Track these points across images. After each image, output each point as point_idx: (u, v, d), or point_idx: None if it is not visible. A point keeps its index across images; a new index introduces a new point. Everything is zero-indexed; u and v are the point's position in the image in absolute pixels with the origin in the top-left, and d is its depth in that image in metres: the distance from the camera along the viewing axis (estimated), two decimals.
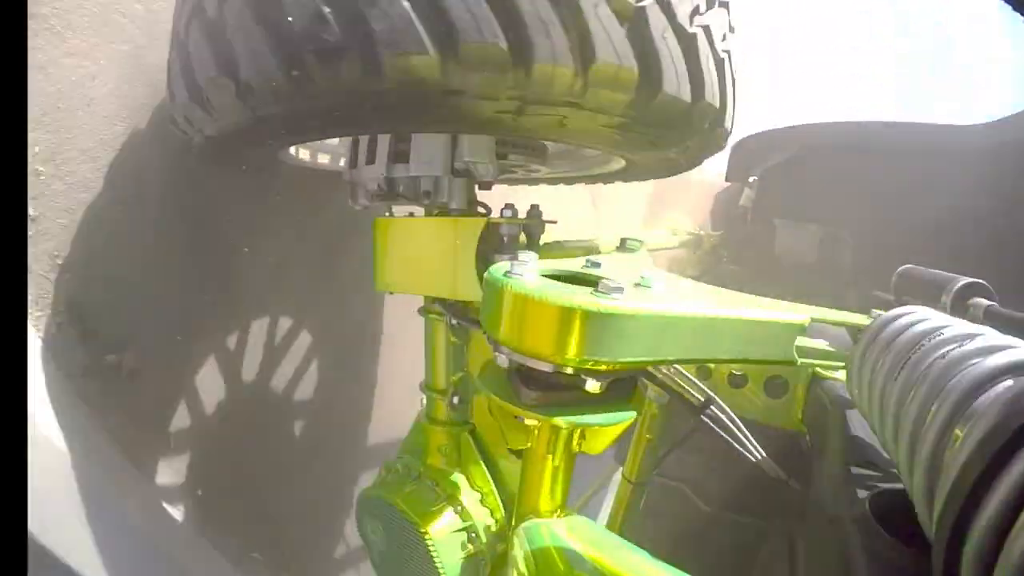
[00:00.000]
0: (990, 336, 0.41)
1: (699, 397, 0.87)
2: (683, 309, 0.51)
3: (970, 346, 0.40)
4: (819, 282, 1.70)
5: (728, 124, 0.85)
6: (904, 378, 0.43)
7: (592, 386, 0.52)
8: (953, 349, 0.41)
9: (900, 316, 0.53)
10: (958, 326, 0.45)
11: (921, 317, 0.51)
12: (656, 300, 0.51)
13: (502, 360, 0.55)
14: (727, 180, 2.07)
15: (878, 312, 0.62)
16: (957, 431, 0.34)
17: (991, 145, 1.24)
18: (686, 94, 0.71)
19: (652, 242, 2.27)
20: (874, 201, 1.44)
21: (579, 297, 0.48)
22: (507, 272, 0.54)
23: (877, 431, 0.48)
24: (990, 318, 0.80)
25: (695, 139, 0.83)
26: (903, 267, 1.03)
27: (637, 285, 0.55)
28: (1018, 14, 0.87)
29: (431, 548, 0.89)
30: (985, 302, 0.83)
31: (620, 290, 0.49)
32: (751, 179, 1.86)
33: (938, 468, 0.35)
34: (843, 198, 1.50)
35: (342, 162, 1.25)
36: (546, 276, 0.54)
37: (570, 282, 0.54)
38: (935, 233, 1.28)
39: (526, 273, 0.53)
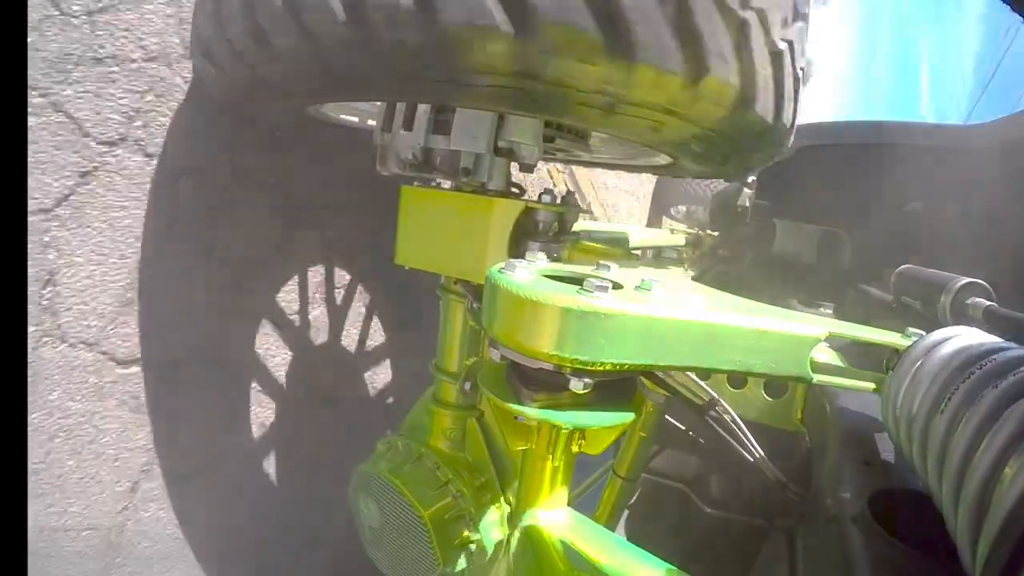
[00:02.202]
0: None
1: (701, 397, 0.87)
2: (677, 313, 0.50)
3: None
4: (818, 282, 1.70)
5: (789, 143, 0.82)
6: (952, 409, 0.40)
7: (576, 386, 0.52)
8: (1008, 378, 0.38)
9: (947, 339, 0.50)
10: (1012, 351, 0.42)
11: (971, 341, 0.47)
12: (649, 303, 0.50)
13: (494, 355, 0.55)
14: (726, 180, 2.06)
15: (916, 332, 0.58)
16: (1008, 468, 0.32)
17: (991, 145, 1.24)
18: (769, 115, 0.68)
19: (650, 241, 2.27)
20: (874, 201, 1.44)
21: (559, 294, 0.47)
22: (502, 269, 0.54)
23: (918, 465, 0.45)
24: (989, 318, 0.80)
25: (761, 156, 0.82)
26: (902, 267, 1.03)
27: (638, 288, 0.55)
28: (1017, 15, 0.87)
29: (427, 531, 0.88)
30: (985, 302, 0.83)
31: (604, 289, 0.48)
32: (750, 179, 1.86)
33: (986, 507, 0.32)
34: (843, 198, 1.50)
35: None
36: (544, 275, 0.54)
37: (567, 281, 0.54)
38: (934, 233, 1.28)
39: (521, 270, 0.53)
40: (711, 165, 0.91)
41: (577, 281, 0.54)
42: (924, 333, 0.56)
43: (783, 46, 0.66)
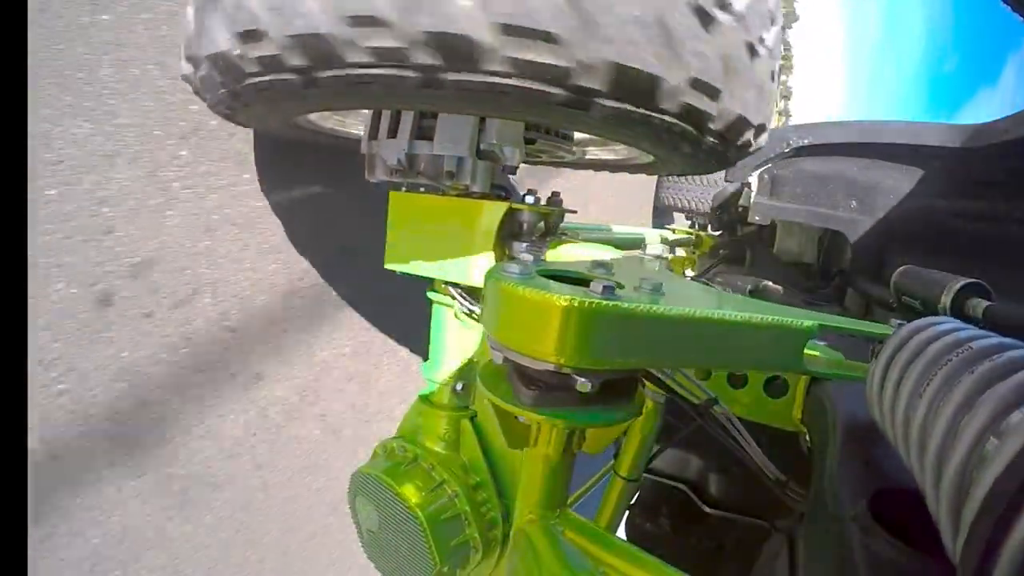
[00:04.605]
0: None
1: (699, 397, 0.87)
2: (678, 311, 0.50)
3: (1003, 359, 0.38)
4: (819, 283, 1.70)
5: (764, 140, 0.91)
6: (931, 393, 0.41)
7: (582, 385, 0.52)
8: (984, 363, 0.38)
9: (925, 327, 0.51)
10: (990, 339, 0.43)
11: (949, 328, 0.48)
12: (654, 301, 0.50)
13: (496, 357, 0.55)
14: (727, 180, 2.07)
15: (898, 322, 0.59)
16: (987, 448, 0.32)
17: (991, 145, 1.24)
18: (765, 130, 0.83)
19: (652, 241, 2.27)
20: (876, 201, 1.44)
21: (563, 294, 0.47)
22: (502, 269, 0.54)
23: (901, 450, 0.46)
24: (989, 318, 0.80)
25: (744, 156, 0.90)
26: (903, 267, 1.03)
27: (637, 287, 0.55)
28: (1017, 15, 0.87)
29: (423, 532, 0.89)
30: (985, 302, 0.83)
31: (611, 289, 0.48)
32: (751, 179, 1.86)
33: (965, 490, 0.33)
34: (844, 198, 1.50)
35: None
36: (545, 275, 0.54)
37: (568, 281, 0.54)
38: (935, 233, 1.28)
39: (523, 271, 0.53)
40: (696, 164, 0.95)
41: (577, 280, 0.54)
42: (905, 323, 0.57)
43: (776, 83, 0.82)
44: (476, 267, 0.90)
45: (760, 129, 0.82)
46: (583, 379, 0.51)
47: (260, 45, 0.62)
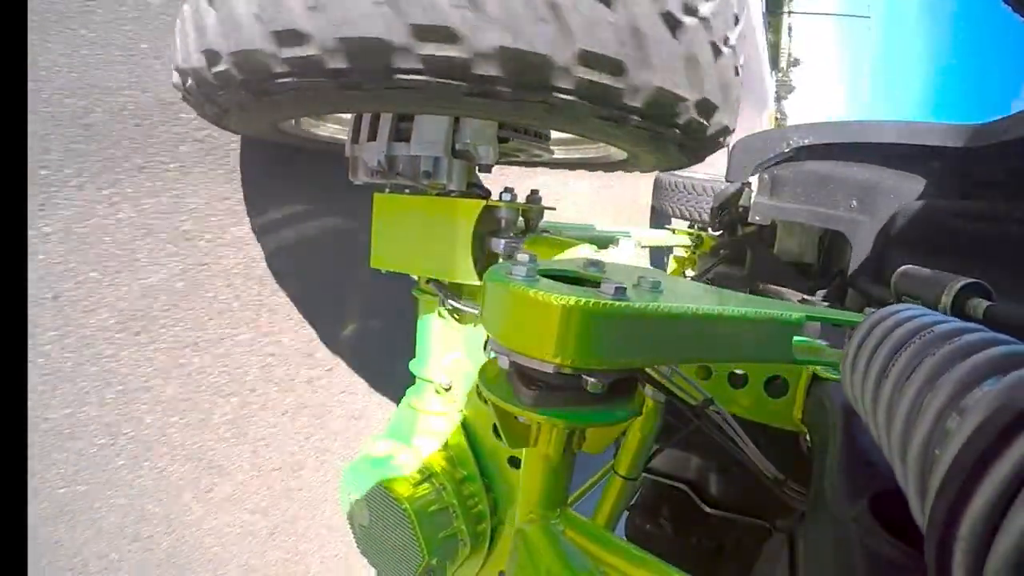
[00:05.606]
0: (983, 333, 0.41)
1: (696, 398, 0.87)
2: (682, 308, 0.51)
3: (962, 342, 0.40)
4: (819, 283, 1.70)
5: (733, 132, 0.92)
6: (896, 374, 0.43)
7: (593, 386, 0.52)
8: (945, 345, 0.41)
9: (892, 313, 0.53)
10: (951, 323, 0.45)
11: (913, 314, 0.50)
12: (655, 299, 0.51)
13: (503, 361, 0.55)
14: (727, 180, 2.07)
15: (871, 310, 0.62)
16: (949, 425, 0.34)
17: (990, 145, 1.24)
18: (732, 122, 0.84)
19: (652, 241, 2.28)
20: (876, 201, 1.44)
21: (581, 296, 0.48)
22: (507, 271, 0.54)
23: (871, 428, 0.48)
24: (989, 318, 0.80)
25: (713, 148, 0.91)
26: (903, 267, 1.03)
27: (636, 285, 0.55)
28: (1018, 15, 0.87)
29: (411, 524, 0.90)
30: (985, 302, 0.83)
31: (623, 290, 0.49)
32: (751, 179, 1.86)
33: (930, 464, 0.34)
34: (844, 198, 1.50)
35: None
36: (547, 276, 0.54)
37: (572, 282, 0.54)
38: (935, 233, 1.28)
39: (527, 272, 0.53)
40: (666, 159, 0.97)
41: (575, 280, 0.54)
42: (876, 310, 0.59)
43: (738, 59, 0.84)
44: (455, 264, 0.92)
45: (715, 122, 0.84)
46: (594, 379, 0.51)
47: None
